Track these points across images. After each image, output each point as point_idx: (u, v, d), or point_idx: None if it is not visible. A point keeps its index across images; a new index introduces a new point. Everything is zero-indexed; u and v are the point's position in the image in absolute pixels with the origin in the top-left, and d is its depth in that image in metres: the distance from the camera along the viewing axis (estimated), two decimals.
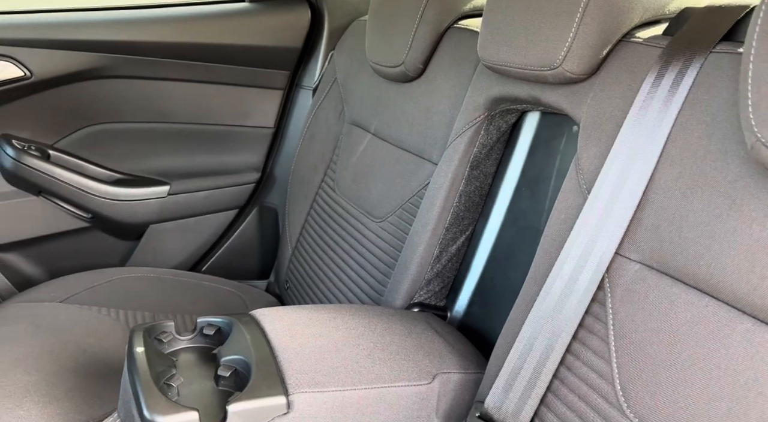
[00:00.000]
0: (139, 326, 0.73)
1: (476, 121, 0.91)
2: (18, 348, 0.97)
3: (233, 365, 0.70)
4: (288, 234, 1.35)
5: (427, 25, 1.02)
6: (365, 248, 1.09)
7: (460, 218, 0.95)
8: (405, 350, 0.77)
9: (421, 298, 0.98)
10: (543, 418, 0.67)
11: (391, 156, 1.11)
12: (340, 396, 0.68)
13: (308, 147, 1.37)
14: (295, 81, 1.49)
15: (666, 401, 0.55)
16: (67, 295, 1.16)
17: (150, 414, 0.60)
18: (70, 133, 1.33)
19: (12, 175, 1.26)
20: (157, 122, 1.39)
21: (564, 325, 0.66)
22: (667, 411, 0.55)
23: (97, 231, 1.38)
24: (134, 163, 1.39)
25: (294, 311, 0.81)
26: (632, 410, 0.58)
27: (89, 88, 1.30)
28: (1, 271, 1.31)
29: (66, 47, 1.24)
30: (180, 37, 1.33)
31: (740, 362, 0.51)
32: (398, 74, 1.09)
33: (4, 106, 1.25)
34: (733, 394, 0.51)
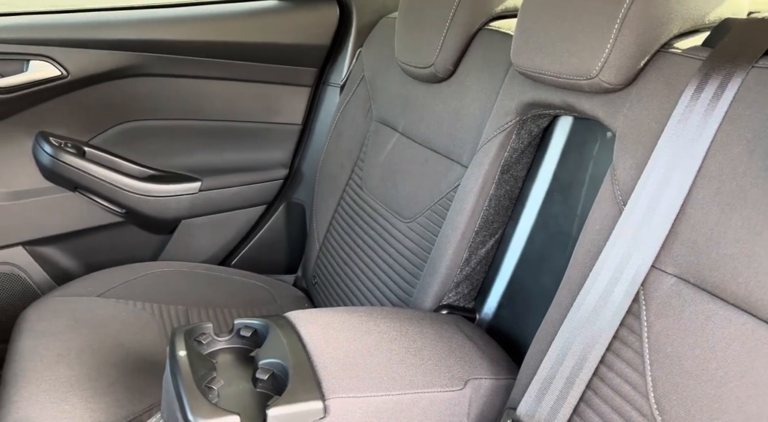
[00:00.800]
0: (179, 328, 0.76)
1: (507, 126, 0.92)
2: (60, 343, 1.01)
3: (271, 368, 0.72)
4: (315, 230, 1.37)
5: (459, 27, 1.02)
6: (393, 248, 1.10)
7: (490, 222, 0.96)
8: (437, 355, 0.78)
9: (450, 300, 0.99)
10: None
11: (419, 156, 1.12)
12: (374, 401, 0.70)
13: (336, 144, 1.38)
14: (322, 78, 1.50)
15: (702, 417, 0.56)
16: (104, 290, 1.19)
17: (194, 418, 0.62)
18: (105, 130, 1.36)
19: (49, 171, 1.29)
20: (189, 119, 1.41)
21: (598, 336, 0.67)
22: None
23: (131, 225, 1.41)
24: (166, 160, 1.42)
25: (327, 314, 0.83)
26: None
27: (123, 86, 1.33)
28: (41, 265, 1.35)
29: (100, 47, 1.26)
30: (210, 35, 1.34)
31: None
32: (428, 75, 1.09)
33: (41, 104, 1.28)
34: None
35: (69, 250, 1.38)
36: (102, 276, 1.25)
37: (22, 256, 1.33)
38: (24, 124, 1.28)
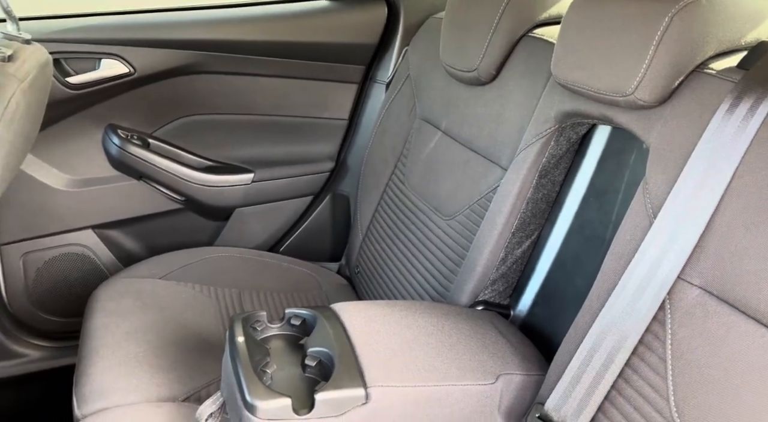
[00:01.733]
0: (237, 315, 0.84)
1: (546, 133, 0.95)
2: (127, 322, 1.11)
3: (318, 356, 0.79)
4: (359, 221, 1.44)
5: (502, 33, 1.05)
6: (433, 243, 1.16)
7: (527, 223, 1.00)
8: (471, 350, 0.84)
9: (486, 297, 1.04)
10: None
11: (460, 155, 1.17)
12: (411, 391, 0.76)
13: (380, 140, 1.43)
14: (369, 75, 1.55)
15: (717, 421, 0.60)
16: (165, 272, 1.30)
17: (251, 399, 0.70)
18: (167, 123, 1.46)
19: (117, 161, 1.40)
20: (244, 114, 1.49)
21: (624, 340, 0.71)
22: None
23: (190, 212, 1.51)
24: (223, 152, 1.51)
25: (370, 307, 0.89)
26: None
27: (184, 83, 1.41)
28: (108, 247, 1.47)
29: (165, 46, 1.35)
30: (266, 35, 1.41)
31: None
32: (471, 79, 1.13)
33: (111, 99, 1.38)
34: None
35: (133, 234, 1.50)
36: (163, 260, 1.35)
37: (92, 238, 1.45)
38: (95, 117, 1.39)
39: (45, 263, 1.43)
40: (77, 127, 1.39)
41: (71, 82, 1.31)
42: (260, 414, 0.70)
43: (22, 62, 0.89)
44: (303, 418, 0.71)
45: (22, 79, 0.83)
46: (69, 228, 1.43)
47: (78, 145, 1.40)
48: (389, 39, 1.51)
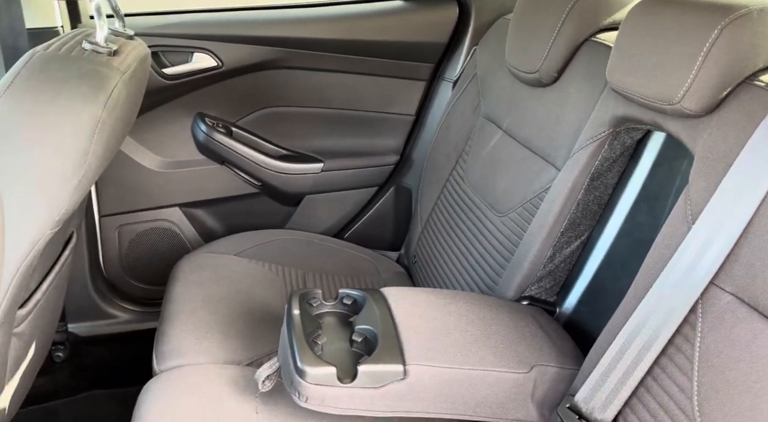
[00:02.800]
0: (296, 291, 0.93)
1: (600, 137, 0.97)
2: (203, 292, 1.24)
3: (364, 333, 0.87)
4: (419, 213, 1.50)
5: (565, 37, 1.08)
6: (485, 238, 1.20)
7: (576, 224, 1.03)
8: (508, 340, 0.89)
9: (532, 292, 1.08)
10: (626, 418, 0.76)
11: (518, 154, 1.20)
12: (447, 372, 0.83)
13: (444, 136, 1.49)
14: (438, 73, 1.61)
15: None
16: (240, 250, 1.42)
17: (301, 365, 0.79)
18: (249, 113, 1.58)
19: (203, 146, 1.54)
20: (317, 107, 1.60)
21: (654, 339, 0.74)
22: None
23: (265, 197, 1.64)
24: (296, 141, 1.62)
25: (416, 293, 0.96)
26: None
27: (266, 77, 1.53)
28: (192, 223, 1.62)
29: (250, 42, 1.47)
30: (342, 34, 1.50)
31: None
32: (532, 80, 1.16)
33: (201, 89, 1.52)
34: None
35: (214, 213, 1.64)
36: (239, 239, 1.48)
37: (178, 215, 1.60)
38: (186, 105, 1.53)
39: (137, 235, 1.59)
40: (170, 114, 1.54)
41: (167, 73, 1.46)
42: (308, 379, 0.79)
43: (125, 56, 1.01)
44: (346, 386, 0.79)
45: (123, 72, 0.96)
46: (159, 205, 1.58)
47: (170, 130, 1.55)
48: (459, 38, 1.56)
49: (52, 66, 0.89)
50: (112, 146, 1.01)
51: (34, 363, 1.22)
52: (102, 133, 0.89)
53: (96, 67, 0.91)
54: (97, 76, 0.90)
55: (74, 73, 0.88)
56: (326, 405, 0.80)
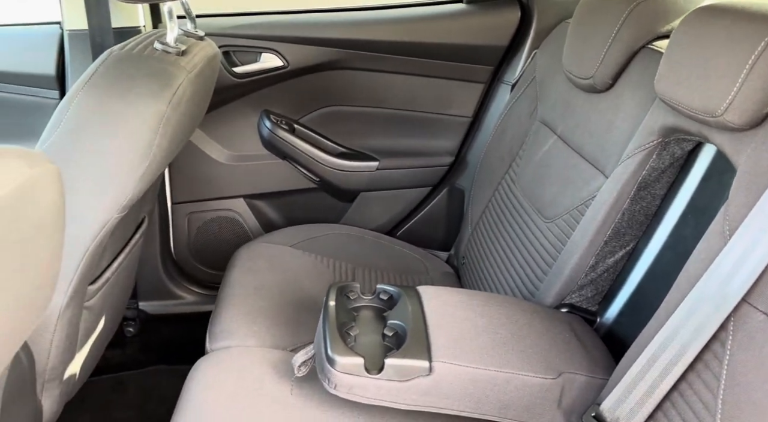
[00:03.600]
0: (335, 284, 0.97)
1: (649, 146, 0.95)
2: (257, 279, 1.31)
3: (396, 328, 0.90)
4: (470, 215, 1.51)
5: (621, 44, 1.06)
6: (531, 244, 1.20)
7: (621, 234, 1.01)
8: (539, 345, 0.89)
9: (573, 300, 1.07)
10: None
11: (570, 161, 1.19)
12: (472, 371, 0.84)
13: (499, 139, 1.49)
14: (497, 76, 1.61)
15: None
16: (295, 242, 1.48)
17: (332, 354, 0.83)
18: (311, 111, 1.65)
19: (267, 142, 1.62)
20: (375, 107, 1.64)
21: (682, 354, 0.72)
22: None
23: (322, 192, 1.70)
24: (354, 140, 1.67)
25: (450, 293, 0.98)
26: None
27: (327, 77, 1.59)
28: (254, 214, 1.71)
29: (315, 43, 1.53)
30: (403, 36, 1.54)
31: None
32: (587, 86, 1.15)
33: (267, 88, 1.60)
34: None
35: (275, 205, 1.72)
36: (295, 231, 1.55)
37: (242, 206, 1.69)
38: (253, 102, 1.62)
39: (204, 223, 1.70)
40: (239, 110, 1.63)
41: (236, 71, 1.54)
42: (337, 367, 0.83)
43: (193, 56, 1.09)
44: (372, 377, 0.83)
45: (190, 71, 1.04)
46: (225, 196, 1.68)
47: (238, 125, 1.64)
48: (520, 42, 1.55)
49: (125, 64, 0.98)
50: (178, 139, 1.09)
51: (103, 335, 1.34)
52: (167, 128, 0.97)
53: (164, 66, 1.00)
54: (164, 75, 0.98)
55: (144, 71, 0.97)
56: (353, 393, 0.84)
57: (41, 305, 0.59)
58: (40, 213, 0.50)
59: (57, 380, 1.10)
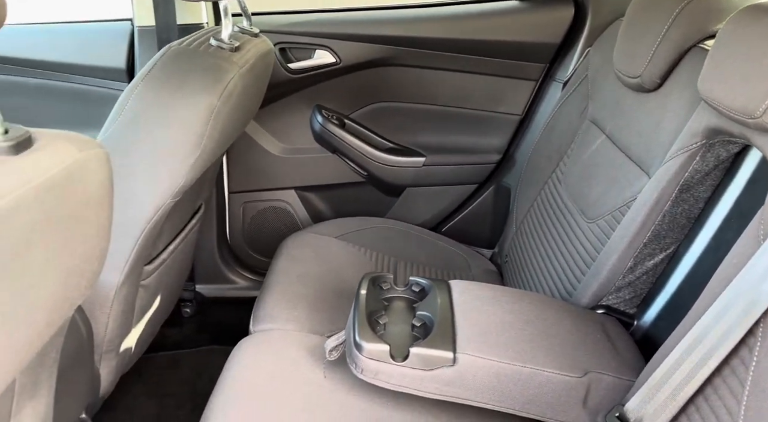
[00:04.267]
0: (368, 274, 1.01)
1: (692, 147, 0.93)
2: (301, 267, 1.36)
3: (424, 319, 0.92)
4: (515, 213, 1.51)
5: (670, 43, 1.03)
6: (572, 243, 1.19)
7: (661, 236, 0.99)
8: (567, 343, 0.89)
9: (610, 302, 1.06)
10: None
11: (616, 161, 1.17)
12: (496, 365, 0.85)
13: (547, 137, 1.47)
14: (549, 73, 1.59)
15: None
16: (341, 233, 1.53)
17: (359, 339, 0.87)
18: (361, 107, 1.69)
19: (318, 136, 1.67)
20: (424, 104, 1.66)
21: (708, 359, 0.71)
22: None
23: (369, 186, 1.74)
24: (402, 136, 1.69)
25: (481, 288, 0.99)
26: None
27: (378, 73, 1.62)
28: (304, 205, 1.76)
29: (366, 40, 1.57)
30: (454, 33, 1.55)
31: None
32: (635, 85, 1.13)
33: (320, 83, 1.66)
34: None
35: (324, 198, 1.77)
36: (341, 223, 1.59)
37: (293, 197, 1.76)
38: (306, 97, 1.68)
39: (258, 212, 1.78)
40: (293, 104, 1.69)
41: (291, 67, 1.60)
42: (364, 353, 0.86)
43: (245, 52, 1.15)
44: (398, 364, 0.86)
45: (241, 66, 1.09)
46: (278, 187, 1.75)
47: (292, 119, 1.70)
48: (574, 39, 1.53)
49: (182, 59, 1.05)
50: (229, 131, 1.15)
51: (159, 313, 1.43)
52: (217, 120, 1.03)
53: (217, 62, 1.06)
54: (217, 70, 1.04)
55: (198, 66, 1.03)
56: (379, 379, 0.87)
57: (90, 276, 0.65)
58: (88, 192, 0.56)
59: (114, 352, 1.19)
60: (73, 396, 1.05)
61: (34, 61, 1.61)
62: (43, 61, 1.61)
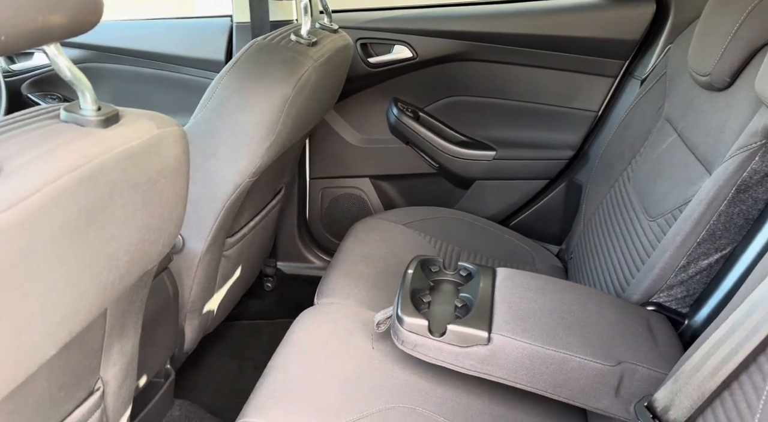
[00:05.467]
0: (418, 256, 1.07)
1: (751, 147, 0.91)
2: (367, 249, 1.45)
3: (465, 300, 0.98)
4: (584, 210, 1.51)
5: (740, 41, 1.01)
6: (632, 241, 1.18)
7: (717, 236, 0.98)
8: (605, 334, 0.91)
9: (661, 300, 1.05)
10: None
11: (684, 160, 1.15)
12: (529, 348, 0.89)
13: (621, 135, 1.45)
14: (628, 70, 1.56)
15: None
16: (408, 221, 1.60)
17: (401, 313, 0.94)
18: (436, 100, 1.75)
19: (393, 127, 1.75)
20: (497, 98, 1.69)
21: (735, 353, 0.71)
22: None
23: (440, 178, 1.80)
24: (475, 129, 1.73)
25: (526, 277, 1.03)
26: None
27: (453, 68, 1.67)
28: (377, 193, 1.86)
29: (443, 36, 1.63)
30: (530, 29, 1.57)
31: None
32: (705, 83, 1.10)
33: (397, 77, 1.73)
34: None
35: (397, 187, 1.86)
36: (410, 211, 1.66)
37: (367, 185, 1.85)
38: (384, 90, 1.76)
39: (335, 198, 1.89)
40: (371, 97, 1.78)
41: (371, 61, 1.69)
42: (405, 326, 0.93)
43: (322, 47, 1.25)
44: (435, 339, 0.92)
45: (316, 60, 1.19)
46: (354, 175, 1.85)
47: (370, 111, 1.79)
48: (654, 36, 1.49)
49: (264, 52, 1.16)
50: (304, 118, 1.26)
51: (240, 283, 1.58)
52: (291, 108, 1.14)
53: (294, 55, 1.17)
54: (293, 62, 1.15)
55: (277, 58, 1.14)
56: (417, 351, 0.94)
57: (168, 237, 0.77)
58: (164, 163, 0.67)
59: (197, 312, 1.34)
60: (158, 345, 1.21)
61: (149, 53, 1.82)
62: (156, 53, 1.81)
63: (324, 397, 0.96)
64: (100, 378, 0.86)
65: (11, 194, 0.48)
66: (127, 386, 0.95)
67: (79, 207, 0.54)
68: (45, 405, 0.73)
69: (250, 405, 0.97)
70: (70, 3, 0.51)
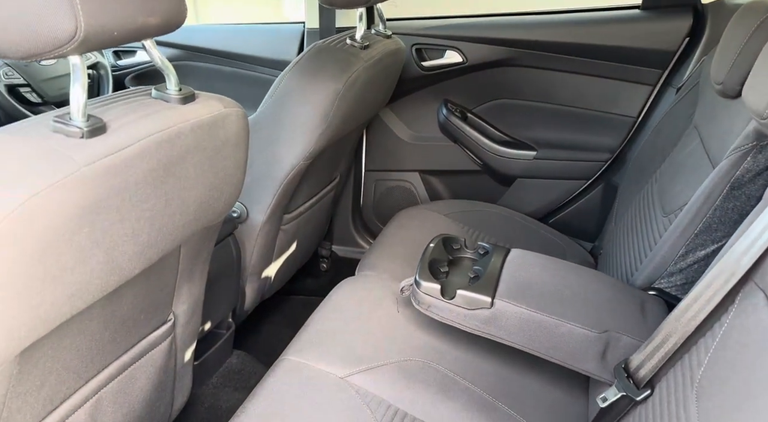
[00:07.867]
0: (440, 234, 1.22)
1: (744, 148, 1.00)
2: (407, 233, 1.61)
3: (477, 272, 1.12)
4: (615, 210, 1.59)
5: (749, 52, 1.09)
6: (646, 235, 1.27)
7: (712, 229, 1.06)
8: (597, 307, 1.03)
9: (662, 285, 1.14)
10: (657, 381, 0.85)
11: (699, 161, 1.23)
12: (527, 313, 1.02)
13: (653, 140, 1.53)
14: (667, 79, 1.64)
15: (732, 401, 0.71)
16: (449, 212, 1.74)
17: (419, 278, 1.09)
18: (483, 103, 1.88)
19: (443, 126, 1.90)
20: (540, 102, 1.80)
21: (695, 319, 0.81)
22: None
23: (484, 174, 1.93)
24: (518, 131, 1.85)
25: (538, 258, 1.15)
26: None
27: (500, 73, 1.81)
28: (425, 187, 2.01)
29: (490, 43, 1.76)
30: (574, 38, 1.68)
31: None
32: (720, 92, 1.19)
33: (448, 80, 1.88)
34: None
35: (443, 182, 2.00)
36: (451, 203, 1.80)
37: (416, 179, 2.01)
38: (435, 92, 1.92)
39: (386, 189, 2.06)
40: (424, 97, 1.94)
41: (425, 65, 1.85)
42: (421, 289, 1.09)
43: (373, 50, 1.43)
44: (446, 301, 1.07)
45: (366, 61, 1.37)
46: (405, 169, 2.02)
47: (422, 110, 1.95)
48: (691, 47, 1.56)
49: (322, 54, 1.35)
50: (354, 112, 1.44)
51: (295, 257, 1.78)
52: (342, 102, 1.32)
53: (347, 56, 1.35)
54: (346, 62, 1.33)
55: (332, 59, 1.33)
56: (431, 311, 1.09)
57: (228, 198, 0.96)
58: (227, 135, 0.87)
59: (256, 276, 1.55)
60: (222, 298, 1.43)
61: (231, 53, 2.07)
62: (236, 54, 2.06)
63: (352, 346, 1.13)
64: (173, 312, 1.07)
65: (114, 144, 0.68)
66: (193, 323, 1.15)
67: (160, 160, 0.74)
68: (128, 323, 0.94)
69: (291, 348, 1.15)
70: (163, 8, 0.71)
